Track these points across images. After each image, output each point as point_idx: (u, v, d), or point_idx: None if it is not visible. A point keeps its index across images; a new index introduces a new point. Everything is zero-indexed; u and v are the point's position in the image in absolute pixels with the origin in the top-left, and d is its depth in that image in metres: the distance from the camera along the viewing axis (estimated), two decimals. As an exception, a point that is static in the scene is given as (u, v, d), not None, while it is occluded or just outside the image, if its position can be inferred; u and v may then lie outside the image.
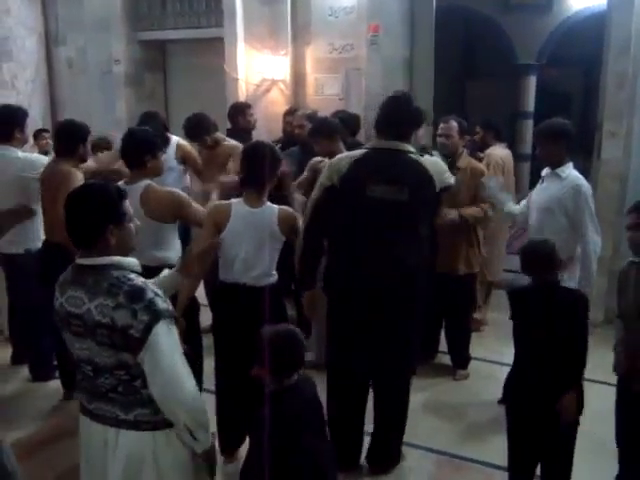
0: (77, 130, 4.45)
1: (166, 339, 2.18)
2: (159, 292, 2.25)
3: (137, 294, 2.17)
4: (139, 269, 2.32)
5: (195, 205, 3.84)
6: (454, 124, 4.78)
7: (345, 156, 3.55)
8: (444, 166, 3.60)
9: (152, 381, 2.19)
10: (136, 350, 2.15)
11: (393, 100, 3.49)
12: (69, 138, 4.38)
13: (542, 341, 3.12)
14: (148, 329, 2.14)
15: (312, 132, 4.81)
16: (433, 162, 3.48)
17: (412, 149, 3.41)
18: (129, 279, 2.21)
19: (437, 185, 3.40)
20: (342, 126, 4.86)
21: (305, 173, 4.79)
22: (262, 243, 3.53)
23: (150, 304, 2.16)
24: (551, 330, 3.10)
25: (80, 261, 2.28)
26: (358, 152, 3.51)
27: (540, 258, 3.17)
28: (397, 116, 3.41)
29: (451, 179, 3.55)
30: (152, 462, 2.27)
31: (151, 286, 2.25)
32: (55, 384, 4.77)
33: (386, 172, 3.33)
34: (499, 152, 5.99)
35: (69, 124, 4.51)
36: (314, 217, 3.52)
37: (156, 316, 2.16)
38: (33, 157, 4.84)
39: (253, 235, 3.52)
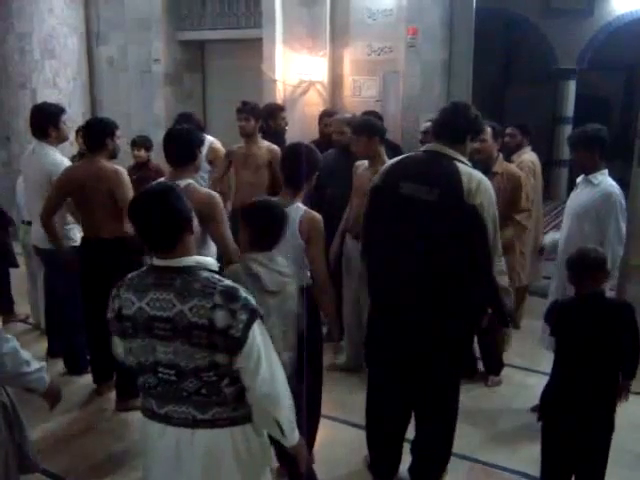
0: (104, 125, 4.50)
1: (262, 337, 2.23)
2: (246, 290, 2.27)
3: (233, 293, 2.18)
4: (217, 268, 2.32)
5: (226, 225, 3.80)
6: (488, 128, 4.72)
7: (396, 158, 3.56)
8: (484, 184, 3.24)
9: (252, 378, 2.22)
10: (236, 350, 2.17)
11: (450, 106, 3.47)
12: (97, 133, 4.42)
13: (589, 356, 3.08)
14: (247, 328, 2.16)
15: (353, 130, 4.83)
16: (472, 175, 3.23)
17: (459, 156, 3.29)
18: (219, 279, 2.22)
19: (464, 196, 3.15)
20: (383, 127, 4.85)
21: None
22: (283, 243, 3.47)
23: (247, 303, 2.19)
24: (599, 345, 3.06)
25: (160, 263, 2.26)
26: (408, 154, 3.53)
27: (591, 268, 3.12)
28: (448, 121, 3.36)
29: (478, 200, 3.19)
30: (232, 457, 2.29)
31: (239, 285, 2.27)
32: (89, 378, 4.84)
33: (418, 171, 3.30)
34: (529, 156, 5.95)
35: (96, 120, 4.62)
36: (366, 222, 3.53)
37: (253, 315, 2.19)
38: (63, 164, 4.75)
39: None
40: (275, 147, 5.50)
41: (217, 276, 2.25)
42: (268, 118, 6.02)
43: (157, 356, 2.24)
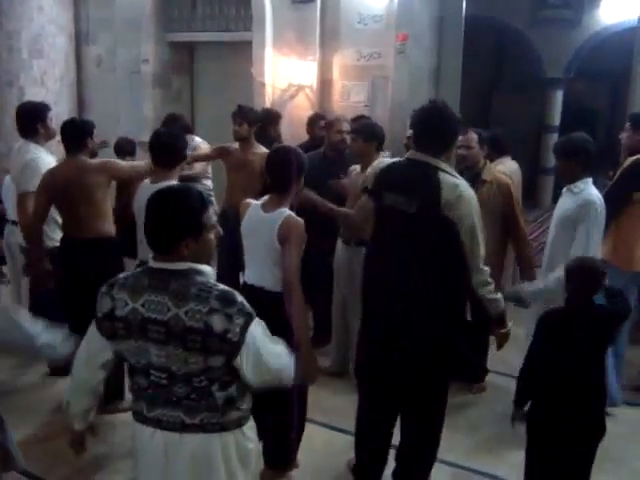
0: (82, 125, 4.48)
1: (260, 336, 2.26)
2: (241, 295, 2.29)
3: (229, 298, 2.19)
4: (214, 277, 2.31)
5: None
6: (473, 135, 4.71)
7: (381, 162, 3.57)
8: (465, 196, 3.15)
9: (253, 379, 2.27)
10: (233, 353, 2.18)
11: (430, 108, 3.31)
12: (76, 134, 4.38)
13: (576, 366, 3.09)
14: (244, 331, 2.18)
15: (353, 130, 4.87)
16: (453, 186, 3.14)
17: (443, 165, 3.19)
18: (214, 284, 2.23)
19: (441, 207, 3.09)
20: (383, 136, 4.83)
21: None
22: (260, 246, 3.45)
23: (242, 307, 2.21)
24: (588, 356, 3.09)
25: (156, 265, 2.25)
26: (391, 160, 3.52)
27: (591, 278, 3.13)
28: (432, 127, 3.25)
29: (455, 211, 3.11)
30: (222, 463, 2.28)
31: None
32: (72, 380, 4.80)
33: (399, 182, 3.26)
34: (504, 167, 5.51)
35: (73, 121, 4.55)
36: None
37: (249, 318, 2.21)
38: (32, 166, 4.67)
39: (255, 238, 3.47)
40: None
41: (212, 281, 2.24)
42: (268, 124, 5.99)
43: (150, 358, 2.23)
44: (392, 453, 3.66)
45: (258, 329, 2.26)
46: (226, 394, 2.25)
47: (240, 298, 2.22)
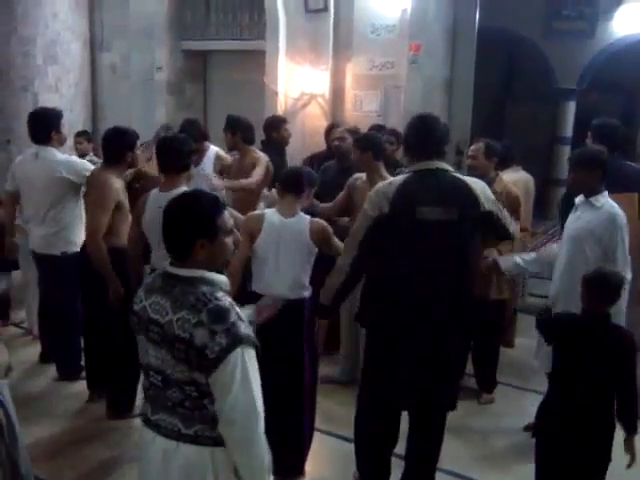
0: (124, 137, 4.45)
1: (242, 366, 2.11)
2: (243, 316, 2.20)
3: (220, 315, 2.12)
4: (228, 288, 2.29)
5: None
6: (480, 145, 4.71)
7: (390, 182, 3.40)
8: (486, 186, 3.40)
9: (219, 404, 2.13)
10: (209, 371, 2.10)
11: (424, 120, 3.40)
12: (115, 145, 4.39)
13: (587, 376, 3.08)
14: (224, 353, 2.08)
15: (353, 142, 4.92)
16: (474, 181, 3.36)
17: (450, 168, 3.34)
18: (216, 297, 2.17)
19: (483, 204, 3.25)
20: (383, 145, 4.88)
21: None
22: (294, 254, 3.56)
23: (231, 327, 2.11)
24: (598, 367, 3.06)
25: (170, 269, 2.27)
26: (402, 176, 3.38)
27: (610, 290, 3.12)
28: (433, 136, 3.33)
29: (492, 205, 3.33)
30: (212, 478, 2.22)
31: (237, 309, 2.20)
32: (81, 385, 4.82)
33: (433, 193, 3.23)
34: (509, 177, 5.29)
35: (116, 131, 4.48)
36: (361, 251, 3.35)
37: (234, 341, 2.10)
38: (74, 160, 4.92)
39: (286, 246, 3.55)
40: (262, 155, 5.50)
41: (219, 294, 2.19)
42: (270, 130, 6.03)
43: (149, 359, 2.26)
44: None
45: (245, 360, 2.12)
46: None
47: (234, 318, 2.13)
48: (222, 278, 2.29)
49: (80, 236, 4.72)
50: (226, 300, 2.20)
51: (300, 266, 3.60)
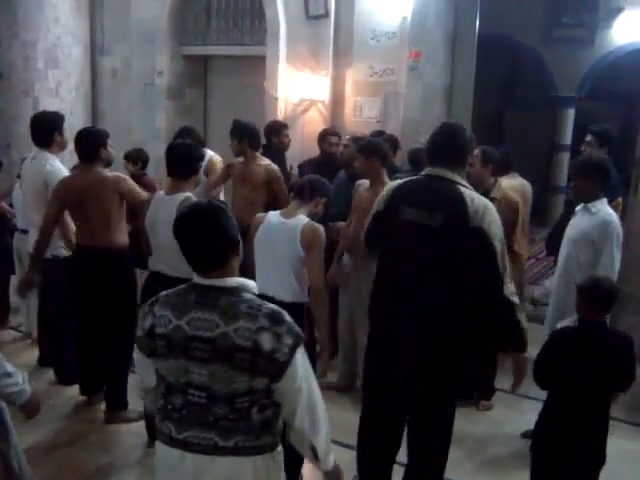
0: (96, 135, 4.51)
1: (304, 363, 2.20)
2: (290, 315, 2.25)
3: (278, 317, 2.16)
4: (256, 291, 2.29)
5: None
6: (476, 152, 4.70)
7: (393, 183, 3.52)
8: (489, 208, 3.18)
9: (293, 403, 2.20)
10: (279, 374, 2.13)
11: (446, 127, 3.41)
12: (89, 144, 4.41)
13: (584, 386, 3.08)
14: (292, 352, 2.14)
15: (357, 148, 4.94)
16: (476, 198, 3.18)
17: (461, 180, 3.25)
18: (262, 302, 2.20)
19: (470, 219, 3.10)
20: (388, 151, 4.88)
21: None
22: (281, 255, 3.55)
23: (291, 327, 2.16)
24: (596, 375, 3.06)
25: (204, 282, 2.21)
26: (405, 179, 3.47)
27: (606, 297, 3.12)
28: (449, 143, 3.30)
29: (486, 222, 3.12)
30: None
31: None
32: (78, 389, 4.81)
33: (419, 196, 3.25)
34: (507, 182, 5.22)
35: (86, 131, 4.59)
36: (371, 247, 3.54)
37: (298, 339, 2.17)
38: (59, 175, 4.70)
39: (274, 246, 3.55)
40: (274, 167, 5.54)
41: (259, 299, 2.22)
42: (270, 135, 6.04)
43: (190, 377, 2.18)
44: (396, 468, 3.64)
45: (305, 356, 2.22)
46: (263, 417, 2.20)
47: (288, 318, 2.18)
48: (253, 283, 2.29)
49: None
50: (270, 303, 2.23)
51: (293, 267, 3.56)
